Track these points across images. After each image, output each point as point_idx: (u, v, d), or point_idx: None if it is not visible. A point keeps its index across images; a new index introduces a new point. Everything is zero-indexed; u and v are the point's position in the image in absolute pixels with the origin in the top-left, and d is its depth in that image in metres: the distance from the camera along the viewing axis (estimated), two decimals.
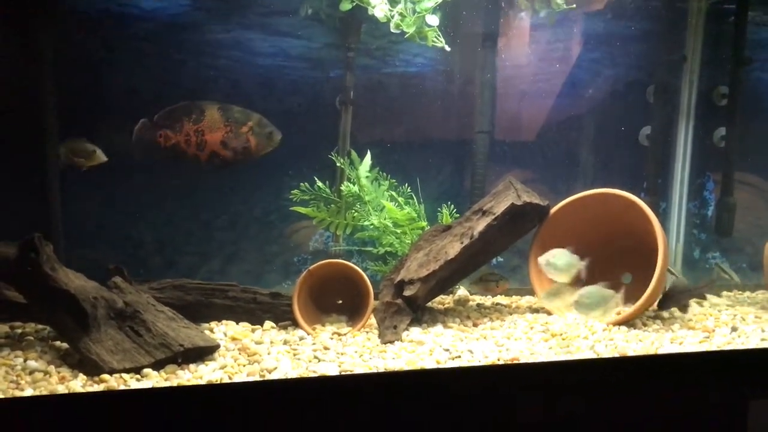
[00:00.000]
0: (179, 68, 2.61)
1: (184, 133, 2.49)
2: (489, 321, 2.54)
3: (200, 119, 2.51)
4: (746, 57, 2.87)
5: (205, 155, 2.55)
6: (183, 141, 2.50)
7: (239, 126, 2.56)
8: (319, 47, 2.74)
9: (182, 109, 2.51)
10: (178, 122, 2.49)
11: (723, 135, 2.95)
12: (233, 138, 2.54)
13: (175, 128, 2.49)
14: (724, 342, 2.40)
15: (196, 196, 2.71)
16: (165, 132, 2.49)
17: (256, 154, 2.61)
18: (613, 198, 2.54)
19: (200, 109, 2.51)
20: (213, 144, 2.54)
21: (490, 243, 2.54)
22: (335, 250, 2.76)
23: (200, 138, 2.50)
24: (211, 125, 2.51)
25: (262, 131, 2.59)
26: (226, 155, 2.56)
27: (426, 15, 2.45)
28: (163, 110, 2.51)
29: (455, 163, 2.98)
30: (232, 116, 2.56)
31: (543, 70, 2.93)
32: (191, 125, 2.50)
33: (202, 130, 2.50)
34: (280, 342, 2.26)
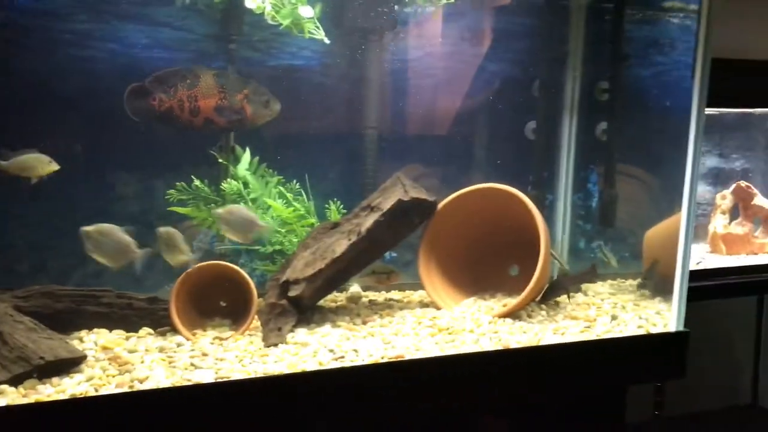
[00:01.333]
0: (45, 60, 2.43)
1: (178, 98, 2.44)
2: (379, 318, 2.52)
3: (194, 84, 2.46)
4: (624, 54, 2.97)
5: (199, 121, 2.51)
6: (177, 106, 2.45)
7: (234, 93, 2.52)
8: (199, 39, 2.63)
9: (176, 74, 2.47)
10: (172, 87, 2.44)
11: (605, 129, 3.04)
12: (227, 105, 2.50)
13: (169, 93, 2.44)
14: (604, 331, 2.47)
15: (69, 196, 2.54)
16: (159, 96, 2.43)
17: (252, 123, 2.57)
18: (496, 192, 2.57)
19: (195, 74, 2.46)
20: (207, 110, 2.49)
21: (379, 239, 2.51)
22: (220, 250, 2.66)
23: (194, 104, 2.45)
24: (206, 91, 2.47)
25: (259, 99, 2.55)
26: (220, 122, 2.52)
27: (300, 6, 2.39)
28: (156, 74, 2.45)
29: (346, 160, 2.94)
30: (227, 83, 2.51)
31: (431, 65, 2.93)
32: (185, 90, 2.45)
33: (195, 95, 2.45)
34: (156, 349, 2.15)
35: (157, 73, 2.47)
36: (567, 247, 3.12)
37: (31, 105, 2.39)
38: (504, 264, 2.79)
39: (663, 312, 2.63)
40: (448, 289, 2.68)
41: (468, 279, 2.73)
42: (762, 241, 3.46)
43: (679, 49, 2.91)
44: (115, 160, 2.58)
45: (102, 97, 2.51)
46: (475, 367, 2.20)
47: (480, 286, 2.74)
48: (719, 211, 3.43)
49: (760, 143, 3.66)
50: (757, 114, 3.57)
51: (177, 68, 2.50)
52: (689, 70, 2.42)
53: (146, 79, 2.46)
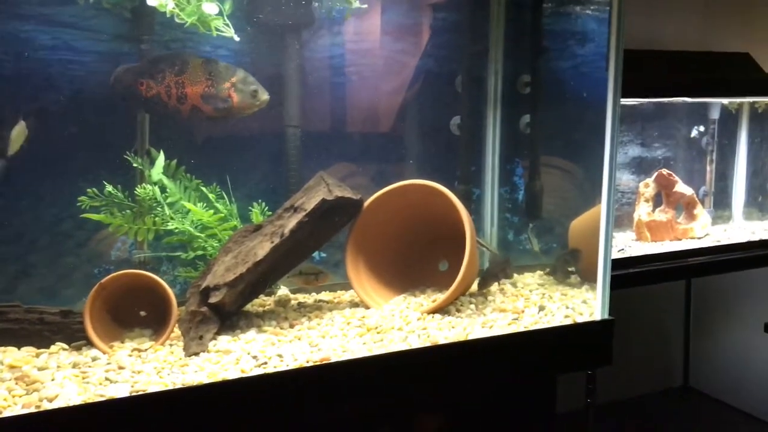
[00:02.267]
0: None
1: (166, 84, 2.40)
2: (307, 320, 2.47)
3: (183, 71, 2.41)
4: (544, 46, 3.00)
5: (186, 109, 2.46)
6: (164, 92, 2.40)
7: (221, 81, 2.46)
8: (108, 39, 2.52)
9: (166, 59, 2.42)
10: (160, 72, 2.40)
11: (528, 122, 3.07)
12: (214, 93, 2.45)
13: (157, 78, 2.39)
14: (532, 322, 2.49)
15: None
16: (147, 81, 2.39)
17: (238, 112, 2.52)
18: (420, 188, 2.56)
19: (184, 61, 2.42)
20: (194, 97, 2.45)
21: (303, 240, 2.46)
22: (139, 257, 2.56)
23: (181, 90, 2.41)
24: (193, 78, 2.41)
25: (246, 88, 2.49)
26: (207, 110, 2.47)
27: (204, 2, 2.32)
28: (146, 58, 2.41)
29: (269, 160, 2.87)
30: (215, 70, 2.45)
31: (353, 62, 2.89)
32: (173, 77, 2.40)
33: (183, 82, 2.40)
34: (69, 365, 2.05)
35: (146, 58, 2.43)
36: (496, 239, 3.13)
37: None
38: (433, 259, 2.78)
39: (589, 301, 2.66)
40: (378, 287, 2.65)
41: (397, 276, 2.71)
42: (685, 227, 3.55)
43: (595, 42, 2.95)
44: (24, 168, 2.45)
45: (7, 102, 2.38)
46: (403, 366, 2.17)
47: (410, 282, 2.72)
48: (643, 199, 3.51)
49: (680, 132, 3.76)
50: (675, 104, 3.67)
51: (167, 53, 2.46)
52: (605, 62, 2.46)
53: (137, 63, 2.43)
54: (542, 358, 2.45)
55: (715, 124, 3.75)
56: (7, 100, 2.41)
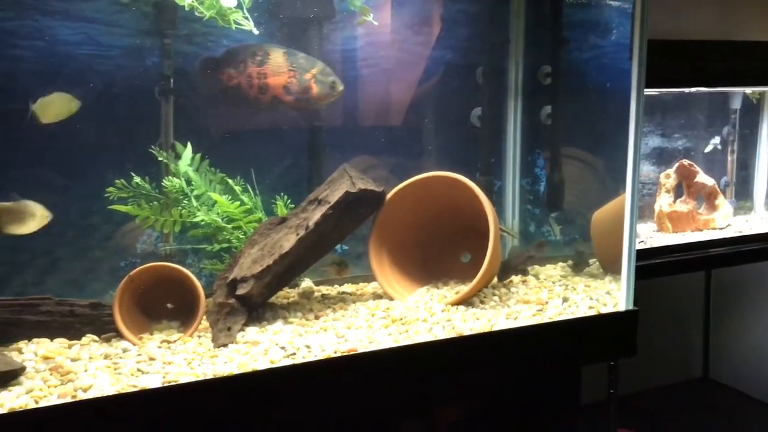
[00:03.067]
0: None
1: (247, 75, 2.42)
2: (332, 312, 2.49)
3: (264, 62, 2.43)
4: (564, 37, 2.99)
5: (266, 99, 2.51)
6: (245, 82, 2.42)
7: (303, 72, 2.50)
8: (132, 34, 2.54)
9: (247, 50, 2.44)
10: (242, 62, 2.41)
11: (549, 113, 3.06)
12: (296, 84, 2.48)
13: (239, 68, 2.41)
14: (556, 313, 2.49)
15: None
16: (228, 71, 2.41)
17: (316, 103, 2.57)
18: (443, 180, 2.56)
19: (266, 51, 2.44)
20: (276, 88, 2.49)
21: (327, 232, 2.48)
22: (165, 250, 2.59)
23: (263, 81, 2.44)
24: (275, 69, 2.44)
25: (326, 80, 2.54)
26: (288, 101, 2.52)
27: None
28: (228, 48, 2.45)
29: (293, 153, 2.88)
30: (296, 62, 2.49)
31: (374, 55, 2.89)
32: (255, 67, 2.42)
33: (265, 72, 2.43)
34: (101, 356, 2.08)
35: (228, 48, 2.46)
36: (517, 231, 3.13)
37: None
38: (455, 251, 2.78)
39: (613, 292, 2.66)
40: (401, 279, 2.66)
41: (420, 268, 2.72)
42: (706, 218, 3.54)
43: (617, 32, 2.94)
44: (46, 163, 2.48)
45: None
46: (430, 356, 2.19)
47: (432, 274, 2.74)
48: (663, 190, 3.50)
49: (701, 122, 3.74)
50: (696, 94, 3.64)
51: (248, 44, 2.47)
52: (627, 52, 2.45)
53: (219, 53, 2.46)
54: (567, 349, 2.45)
55: (736, 114, 3.73)
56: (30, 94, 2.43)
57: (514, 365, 2.37)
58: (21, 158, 2.45)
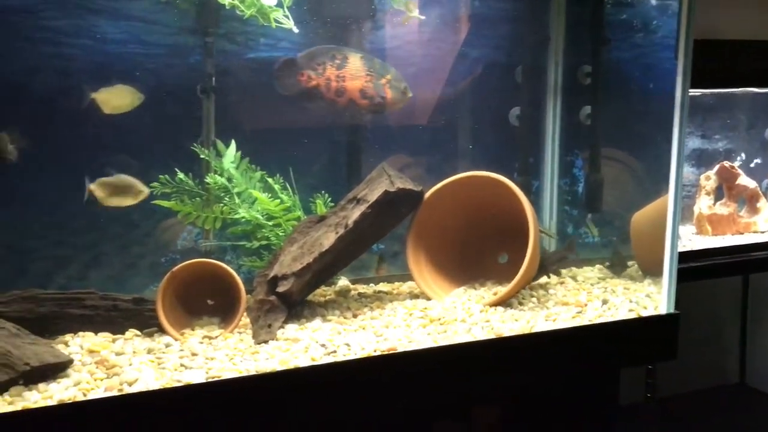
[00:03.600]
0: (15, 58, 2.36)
1: (326, 77, 2.47)
2: (369, 311, 2.49)
3: (343, 65, 2.49)
4: (605, 37, 2.96)
5: (342, 102, 2.56)
6: (323, 84, 2.48)
7: (378, 77, 2.56)
8: (175, 32, 2.57)
9: (326, 52, 2.50)
10: (321, 64, 2.47)
11: (588, 113, 3.03)
12: (372, 88, 2.54)
13: (318, 70, 2.47)
14: (596, 315, 2.47)
15: (48, 198, 2.48)
16: (307, 72, 2.47)
17: (389, 108, 2.63)
18: (483, 180, 2.55)
19: (344, 55, 2.49)
20: (352, 91, 2.54)
21: (366, 231, 2.48)
22: (205, 246, 2.61)
23: (341, 84, 2.49)
24: (353, 73, 2.50)
25: (399, 85, 2.60)
26: (363, 104, 2.57)
27: None
28: (307, 50, 2.50)
29: (331, 151, 2.90)
30: (372, 66, 2.54)
31: (412, 53, 2.89)
32: (334, 70, 2.47)
33: (343, 75, 2.48)
34: (144, 351, 2.10)
35: (308, 50, 2.51)
36: (555, 232, 3.10)
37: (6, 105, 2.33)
38: (493, 252, 2.77)
39: (653, 294, 2.63)
40: (438, 279, 2.66)
41: (457, 268, 2.71)
42: (747, 221, 3.48)
43: (659, 31, 2.90)
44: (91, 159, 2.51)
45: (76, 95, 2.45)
46: (469, 357, 2.18)
47: (469, 275, 2.72)
48: (704, 192, 3.44)
49: (742, 123, 3.67)
50: (738, 94, 3.58)
51: (328, 46, 2.53)
52: (671, 52, 2.42)
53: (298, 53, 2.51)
54: (607, 352, 2.43)
55: None
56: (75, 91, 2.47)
57: (553, 367, 2.36)
58: (67, 151, 2.49)
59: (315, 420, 2.01)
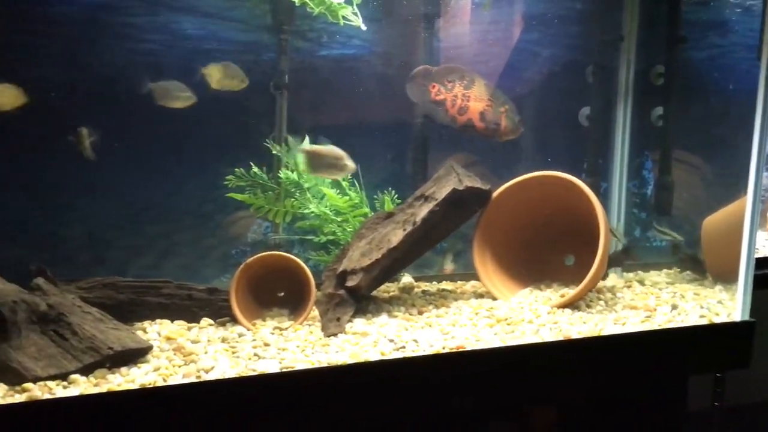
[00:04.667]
0: (98, 54, 2.45)
1: (453, 94, 2.62)
2: (434, 308, 2.51)
3: (470, 86, 2.64)
4: (681, 36, 2.89)
5: (462, 120, 2.70)
6: (450, 100, 2.63)
7: (498, 105, 2.69)
8: (249, 29, 2.62)
9: (457, 71, 2.65)
10: (451, 81, 2.62)
11: (660, 114, 2.97)
12: (491, 114, 2.67)
13: (447, 86, 2.62)
14: (665, 320, 2.42)
15: (125, 189, 2.57)
16: (438, 86, 2.62)
17: (500, 136, 2.76)
18: (553, 180, 2.53)
19: (471, 78, 2.65)
20: (473, 112, 2.69)
21: (433, 229, 2.49)
22: (275, 239, 2.67)
23: (465, 103, 2.64)
24: (478, 95, 2.65)
25: (514, 117, 2.74)
26: (479, 127, 2.71)
27: None
28: (443, 66, 2.66)
29: (397, 149, 2.91)
30: (494, 94, 2.69)
31: (482, 51, 2.88)
32: (462, 89, 2.62)
33: (469, 96, 2.64)
34: (218, 340, 2.17)
35: (444, 66, 2.66)
36: (623, 234, 3.05)
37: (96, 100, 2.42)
38: (560, 253, 2.74)
39: (725, 301, 2.57)
40: (504, 279, 2.65)
41: (523, 269, 2.70)
42: None
43: (739, 31, 2.82)
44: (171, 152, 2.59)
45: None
46: (537, 358, 2.17)
47: (535, 275, 2.71)
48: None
49: None
50: None
51: (458, 67, 2.68)
52: (752, 52, 2.34)
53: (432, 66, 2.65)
54: (677, 357, 2.38)
55: None
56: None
57: (621, 370, 2.32)
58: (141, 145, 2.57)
59: (384, 414, 2.03)
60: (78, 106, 2.45)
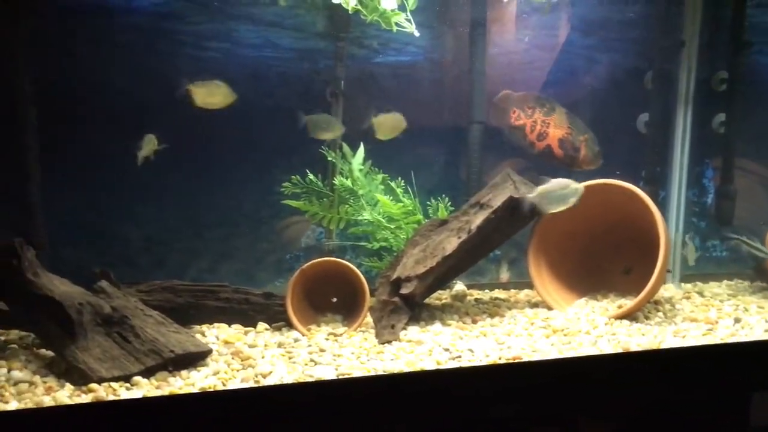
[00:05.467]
0: (163, 61, 2.50)
1: (533, 120, 2.67)
2: (488, 317, 2.48)
3: (550, 113, 2.69)
4: (746, 41, 2.80)
5: (541, 146, 2.75)
6: (529, 125, 2.68)
7: (578, 134, 2.74)
8: (308, 37, 2.65)
9: (538, 98, 2.70)
10: (531, 108, 2.67)
11: (722, 121, 2.89)
12: (570, 141, 2.72)
13: (527, 112, 2.67)
14: (728, 334, 2.35)
15: (183, 193, 2.62)
16: (518, 111, 2.67)
17: (578, 165, 2.79)
18: (613, 189, 2.48)
19: (552, 105, 2.70)
20: (552, 139, 2.74)
21: (488, 237, 2.47)
22: (328, 245, 2.68)
23: (544, 129, 2.69)
24: (558, 122, 2.69)
25: (594, 147, 2.77)
26: (558, 154, 2.75)
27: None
28: (524, 92, 2.69)
29: (450, 155, 2.91)
30: (575, 123, 2.73)
31: (538, 57, 2.85)
32: (541, 115, 2.67)
33: (548, 122, 2.68)
34: (275, 345, 2.19)
35: (526, 93, 2.71)
36: (681, 245, 2.97)
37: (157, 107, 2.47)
38: (617, 263, 2.69)
39: None
40: (559, 288, 2.61)
41: (579, 278, 2.65)
42: None
43: None
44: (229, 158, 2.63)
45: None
46: (596, 370, 2.13)
47: (591, 285, 2.66)
48: None
49: None
50: None
51: (539, 94, 2.73)
52: None
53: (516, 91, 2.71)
54: (740, 373, 2.31)
55: None
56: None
57: (681, 385, 2.26)
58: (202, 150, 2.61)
59: (441, 424, 2.02)
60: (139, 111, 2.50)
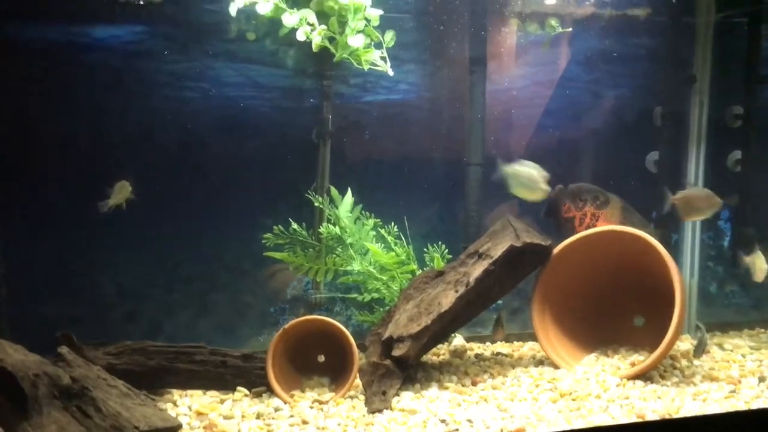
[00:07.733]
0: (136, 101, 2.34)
1: (583, 212, 2.53)
2: (490, 378, 2.28)
3: (602, 207, 2.54)
4: (762, 75, 2.63)
5: None
6: (579, 218, 2.54)
7: (632, 226, 2.51)
8: (291, 75, 2.49)
9: (591, 191, 2.56)
10: (583, 201, 2.54)
11: (738, 159, 2.70)
12: None
13: (579, 205, 2.54)
14: (753, 396, 2.14)
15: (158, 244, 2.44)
16: (569, 204, 2.54)
17: None
18: (620, 235, 2.30)
19: (606, 199, 2.55)
20: None
21: (488, 289, 2.28)
22: (315, 298, 2.49)
23: (593, 222, 2.53)
24: (609, 217, 2.53)
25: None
26: None
27: (349, 36, 2.18)
28: (580, 184, 2.57)
29: (445, 198, 2.72)
30: (630, 218, 2.56)
31: (538, 95, 2.68)
32: (592, 208, 2.53)
33: (599, 216, 2.53)
34: (253, 415, 1.98)
35: (581, 185, 2.57)
36: (696, 291, 2.76)
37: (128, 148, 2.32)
38: (627, 314, 2.48)
39: None
40: (566, 343, 2.41)
41: (587, 332, 2.44)
42: None
43: None
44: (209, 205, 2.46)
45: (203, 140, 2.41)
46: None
47: (601, 339, 2.45)
48: None
49: None
50: None
51: (596, 187, 2.58)
52: None
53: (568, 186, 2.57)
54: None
55: None
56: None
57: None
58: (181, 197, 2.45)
59: None
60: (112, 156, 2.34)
